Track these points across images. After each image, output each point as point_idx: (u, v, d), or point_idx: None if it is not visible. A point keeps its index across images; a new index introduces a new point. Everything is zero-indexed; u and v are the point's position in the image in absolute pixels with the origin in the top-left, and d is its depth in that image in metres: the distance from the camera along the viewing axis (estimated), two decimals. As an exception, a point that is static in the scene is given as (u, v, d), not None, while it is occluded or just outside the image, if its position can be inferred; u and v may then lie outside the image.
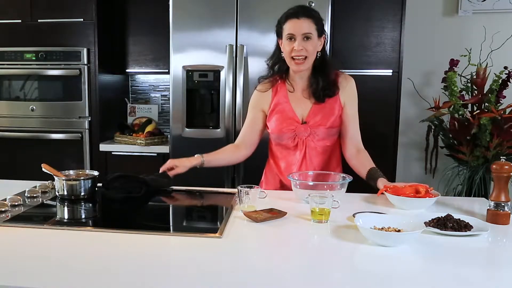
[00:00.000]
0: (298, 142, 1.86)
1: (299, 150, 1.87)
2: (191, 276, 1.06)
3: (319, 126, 1.82)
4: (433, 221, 1.40)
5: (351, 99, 1.86)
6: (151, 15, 3.26)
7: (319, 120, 1.82)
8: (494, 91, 2.83)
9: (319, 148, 1.86)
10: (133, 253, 1.20)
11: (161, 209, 1.80)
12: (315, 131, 1.83)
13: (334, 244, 1.29)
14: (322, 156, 1.88)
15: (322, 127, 1.82)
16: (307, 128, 1.83)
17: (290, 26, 1.74)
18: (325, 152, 1.87)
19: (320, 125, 1.82)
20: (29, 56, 3.18)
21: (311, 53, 1.75)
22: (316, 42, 1.76)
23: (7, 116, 3.27)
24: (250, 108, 1.96)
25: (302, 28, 1.72)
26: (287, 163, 1.91)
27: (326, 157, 1.89)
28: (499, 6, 3.18)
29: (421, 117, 3.20)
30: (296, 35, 1.73)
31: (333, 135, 1.86)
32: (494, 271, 1.16)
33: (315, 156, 1.88)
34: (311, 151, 1.86)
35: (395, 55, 2.95)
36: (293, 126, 1.84)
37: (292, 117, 1.83)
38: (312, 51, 1.75)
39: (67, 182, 1.72)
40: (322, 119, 1.82)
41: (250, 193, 1.57)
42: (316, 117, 1.82)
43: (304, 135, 1.83)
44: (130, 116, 3.57)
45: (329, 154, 1.88)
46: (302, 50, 1.73)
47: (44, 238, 1.31)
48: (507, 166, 1.46)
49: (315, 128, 1.83)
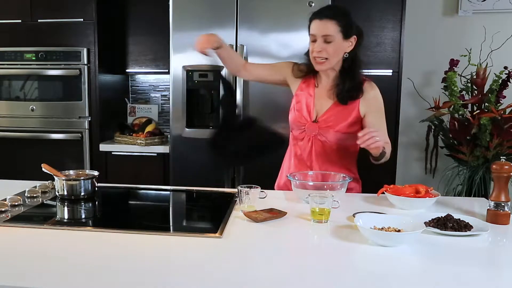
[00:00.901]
0: (305, 137, 1.87)
1: (306, 143, 1.87)
2: (191, 276, 1.06)
3: (328, 128, 1.81)
4: (433, 221, 1.40)
5: (374, 109, 1.81)
6: (151, 15, 3.26)
7: (330, 122, 1.81)
8: (494, 91, 2.83)
9: (323, 149, 1.85)
10: (133, 253, 1.20)
11: (161, 209, 1.80)
12: (322, 132, 1.83)
13: (334, 244, 1.29)
14: (326, 157, 1.86)
15: (331, 130, 1.81)
16: (315, 127, 1.83)
17: (313, 27, 1.73)
18: (329, 154, 1.85)
19: (329, 128, 1.81)
20: (29, 56, 3.18)
21: (332, 55, 1.74)
22: (340, 44, 1.73)
23: (7, 116, 3.27)
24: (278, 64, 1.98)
25: (323, 29, 1.71)
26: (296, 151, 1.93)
27: (330, 160, 1.87)
28: (499, 6, 3.18)
29: (421, 117, 3.21)
30: (317, 37, 1.72)
31: (341, 139, 1.82)
32: (494, 271, 1.16)
33: (319, 154, 1.87)
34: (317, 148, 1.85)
35: (395, 55, 2.95)
36: (304, 120, 1.85)
37: (309, 111, 1.84)
38: (333, 53, 1.74)
39: (67, 182, 1.72)
40: (334, 122, 1.81)
41: (250, 193, 1.57)
42: (329, 119, 1.81)
43: (312, 133, 1.84)
44: (130, 116, 3.57)
45: (334, 158, 1.85)
46: (322, 51, 1.73)
47: (44, 238, 1.31)
48: (507, 166, 1.46)
49: (324, 129, 1.82)
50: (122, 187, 1.99)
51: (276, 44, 2.75)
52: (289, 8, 2.70)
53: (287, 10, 2.70)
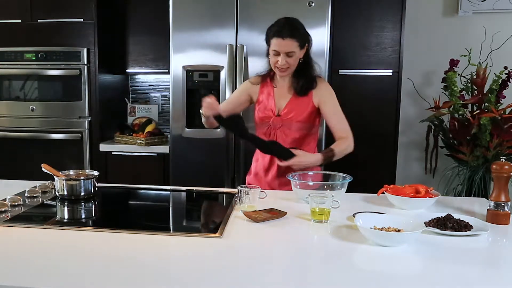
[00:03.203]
0: (271, 132, 2.04)
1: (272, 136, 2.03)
2: (191, 276, 1.06)
3: (290, 119, 2.00)
4: (433, 221, 1.41)
5: (326, 97, 2.01)
6: (151, 15, 3.26)
7: (291, 114, 1.99)
8: (494, 91, 2.83)
9: (287, 139, 2.00)
10: (133, 253, 1.20)
11: (161, 209, 1.80)
12: (286, 124, 2.00)
13: (334, 244, 1.29)
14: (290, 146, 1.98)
15: (293, 121, 1.99)
16: (279, 120, 2.01)
17: (276, 44, 1.90)
18: (294, 144, 2.00)
19: (291, 119, 1.99)
20: (29, 56, 3.18)
21: (293, 64, 1.94)
22: (298, 55, 1.93)
23: (7, 116, 3.27)
24: (237, 90, 2.20)
25: (285, 47, 1.89)
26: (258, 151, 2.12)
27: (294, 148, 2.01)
28: (499, 6, 3.18)
29: (421, 117, 3.21)
30: (280, 53, 1.90)
31: (303, 129, 2.01)
32: (494, 271, 1.15)
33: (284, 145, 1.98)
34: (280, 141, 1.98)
35: (395, 55, 2.95)
36: (269, 117, 2.03)
37: (271, 108, 2.03)
38: (294, 62, 1.94)
39: (67, 182, 1.72)
40: (295, 114, 1.99)
41: (250, 193, 1.57)
42: (290, 112, 2.00)
43: (277, 126, 2.02)
44: (130, 116, 3.57)
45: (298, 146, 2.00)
46: (285, 64, 1.92)
47: (44, 238, 1.31)
48: (507, 166, 1.47)
49: (287, 120, 2.00)
50: (122, 187, 1.99)
51: (276, 44, 2.74)
52: (289, 8, 2.70)
53: (287, 10, 2.70)
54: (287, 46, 1.88)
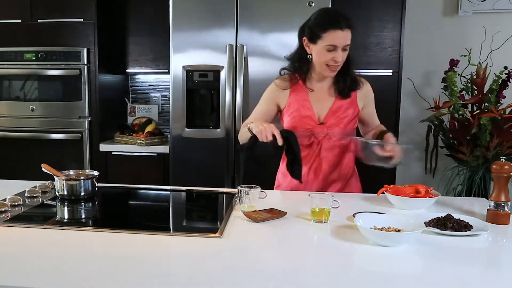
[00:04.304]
0: (314, 141, 1.85)
1: (313, 148, 1.86)
2: (191, 276, 1.06)
3: (335, 127, 1.83)
4: (433, 221, 1.40)
5: (369, 99, 1.92)
6: (151, 15, 3.26)
7: (335, 121, 1.83)
8: (494, 91, 2.83)
9: (334, 148, 1.86)
10: (133, 253, 1.20)
11: (161, 209, 1.80)
12: (332, 131, 1.84)
13: (334, 244, 1.29)
14: (336, 154, 1.88)
15: (340, 127, 1.83)
16: (324, 129, 1.83)
17: (334, 37, 1.68)
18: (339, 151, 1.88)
19: (337, 126, 1.83)
20: (29, 56, 3.18)
21: (343, 61, 1.76)
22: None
23: (7, 116, 3.27)
24: (264, 100, 1.91)
25: (345, 40, 1.70)
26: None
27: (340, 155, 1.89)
28: (499, 6, 3.18)
29: (421, 117, 3.20)
30: (339, 47, 1.70)
31: (348, 134, 1.87)
32: (494, 271, 1.16)
33: (329, 154, 1.87)
34: (325, 150, 1.86)
35: (395, 55, 2.95)
36: (310, 125, 1.83)
37: (310, 116, 1.82)
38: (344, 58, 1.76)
39: (67, 182, 1.72)
40: (339, 120, 1.83)
41: (250, 193, 1.57)
42: (333, 119, 1.83)
43: (321, 135, 1.84)
44: (130, 116, 3.57)
45: (343, 152, 1.89)
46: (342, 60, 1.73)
47: (44, 238, 1.31)
48: (507, 166, 1.46)
49: (332, 129, 1.83)
50: (122, 187, 1.99)
51: (276, 44, 2.75)
52: (289, 8, 2.70)
53: (287, 10, 2.70)
54: (346, 38, 1.68)
